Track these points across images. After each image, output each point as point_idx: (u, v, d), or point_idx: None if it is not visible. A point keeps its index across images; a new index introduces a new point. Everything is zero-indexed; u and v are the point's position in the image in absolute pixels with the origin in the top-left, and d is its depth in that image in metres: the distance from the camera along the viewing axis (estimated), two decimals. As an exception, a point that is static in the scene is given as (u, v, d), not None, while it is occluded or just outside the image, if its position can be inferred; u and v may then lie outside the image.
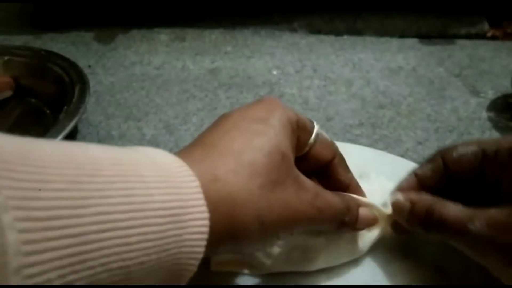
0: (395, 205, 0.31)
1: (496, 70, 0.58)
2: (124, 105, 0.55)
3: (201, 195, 0.22)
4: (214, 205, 0.22)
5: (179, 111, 0.53)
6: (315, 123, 0.30)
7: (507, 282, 0.27)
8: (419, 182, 0.32)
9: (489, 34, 0.65)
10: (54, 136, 0.43)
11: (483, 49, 0.62)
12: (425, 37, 0.65)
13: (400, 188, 0.32)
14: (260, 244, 0.27)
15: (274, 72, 0.60)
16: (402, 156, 0.43)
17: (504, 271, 0.27)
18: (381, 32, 0.66)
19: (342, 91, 0.56)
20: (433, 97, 0.54)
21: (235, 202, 0.23)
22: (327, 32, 0.67)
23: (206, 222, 0.22)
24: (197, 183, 0.22)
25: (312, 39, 0.66)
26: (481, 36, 0.65)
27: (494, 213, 0.27)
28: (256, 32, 0.68)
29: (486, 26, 0.65)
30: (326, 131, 0.48)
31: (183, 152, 0.25)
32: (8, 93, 0.55)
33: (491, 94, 0.54)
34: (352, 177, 0.32)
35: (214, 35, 0.68)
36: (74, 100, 0.48)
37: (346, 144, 0.45)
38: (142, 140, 0.49)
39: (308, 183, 0.27)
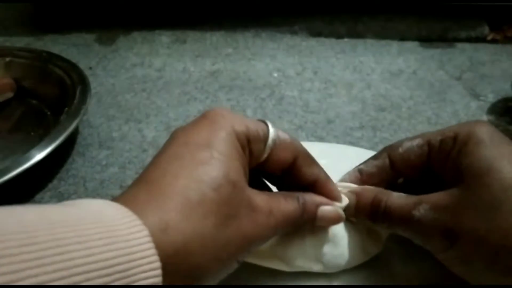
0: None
1: (496, 73, 0.58)
2: (125, 106, 0.55)
3: (150, 245, 0.21)
4: (168, 257, 0.21)
5: (180, 113, 0.53)
6: (270, 126, 0.28)
7: (449, 265, 0.28)
8: (362, 178, 0.32)
9: (489, 38, 0.65)
10: (55, 137, 0.43)
11: (483, 53, 0.62)
12: (426, 40, 0.65)
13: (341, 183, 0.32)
14: (221, 276, 0.25)
15: (275, 75, 0.60)
16: (402, 159, 0.43)
17: (444, 254, 0.27)
18: (381, 35, 0.66)
19: (343, 93, 0.56)
20: (433, 100, 0.54)
21: (190, 251, 0.22)
22: (328, 35, 0.67)
23: (158, 272, 0.21)
24: (145, 232, 0.21)
25: (313, 41, 0.67)
26: (481, 39, 0.65)
27: (437, 196, 0.27)
28: (257, 35, 0.68)
29: (486, 29, 0.65)
30: (326, 133, 0.49)
31: (127, 195, 0.23)
32: (9, 95, 0.55)
33: (491, 98, 0.54)
34: (319, 172, 0.30)
35: (215, 37, 0.68)
36: (75, 101, 0.48)
37: (347, 146, 0.45)
38: (143, 142, 0.49)
39: (260, 202, 0.26)
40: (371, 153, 0.43)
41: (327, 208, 0.30)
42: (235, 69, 0.61)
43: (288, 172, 0.29)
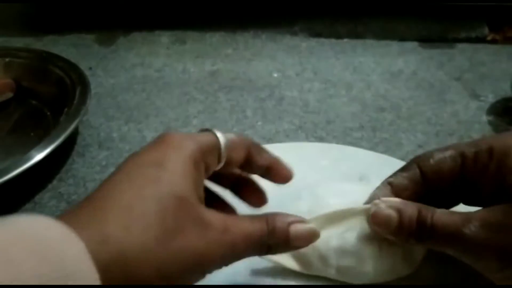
0: (378, 217, 0.28)
1: (496, 73, 0.58)
2: (124, 107, 0.55)
3: (85, 258, 0.20)
4: (105, 268, 0.21)
5: (179, 113, 0.53)
6: (218, 134, 0.28)
7: (503, 283, 0.27)
8: (394, 192, 0.30)
9: (489, 38, 0.65)
10: (55, 138, 0.43)
11: (483, 53, 0.62)
12: (426, 40, 0.65)
13: (374, 197, 0.30)
14: None
15: (275, 75, 0.60)
16: (402, 159, 0.43)
17: (500, 274, 0.26)
18: (381, 36, 0.66)
19: (343, 94, 0.56)
20: (433, 101, 0.54)
21: (127, 261, 0.22)
22: (328, 36, 0.67)
23: (97, 284, 0.20)
24: (80, 246, 0.20)
25: (313, 42, 0.67)
26: (481, 40, 0.65)
27: (486, 214, 0.26)
28: (257, 35, 0.68)
29: (486, 30, 0.65)
30: (326, 134, 0.49)
31: (68, 213, 0.23)
32: (9, 95, 0.55)
33: (491, 98, 0.54)
34: (270, 156, 0.30)
35: (214, 38, 0.68)
36: (75, 102, 0.48)
37: (346, 147, 0.45)
38: (142, 142, 0.49)
39: (214, 219, 0.25)
40: (371, 153, 0.44)
41: (301, 226, 0.28)
42: (235, 70, 0.61)
43: (247, 167, 0.30)
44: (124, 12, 0.72)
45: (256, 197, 0.32)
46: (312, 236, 0.28)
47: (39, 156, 0.40)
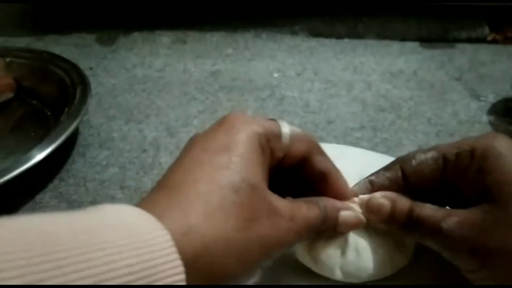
0: (372, 204, 0.30)
1: (496, 74, 0.58)
2: (125, 107, 0.55)
3: (173, 249, 0.21)
4: (191, 260, 0.21)
5: (180, 113, 0.54)
6: (284, 122, 0.28)
7: (479, 284, 0.27)
8: (373, 190, 0.31)
9: (489, 38, 0.65)
10: (55, 137, 0.43)
11: (484, 53, 0.62)
12: (426, 40, 0.65)
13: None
14: (244, 280, 0.25)
15: (275, 75, 0.60)
16: (402, 159, 0.43)
17: (476, 274, 0.26)
18: (382, 36, 0.66)
19: (343, 94, 0.56)
20: (433, 101, 0.54)
21: (213, 254, 0.22)
22: (328, 36, 0.67)
23: (182, 277, 0.21)
24: (167, 237, 0.21)
25: (313, 42, 0.67)
26: (481, 40, 0.65)
27: (466, 212, 0.27)
28: (257, 35, 0.68)
29: (486, 30, 0.65)
30: (327, 134, 0.49)
31: (148, 201, 0.24)
32: (10, 95, 0.55)
33: (491, 98, 0.54)
34: (332, 165, 0.30)
35: (215, 38, 0.68)
36: (75, 102, 0.48)
37: (347, 147, 0.45)
38: (143, 142, 0.49)
39: (282, 206, 0.26)
40: (371, 153, 0.44)
41: (348, 213, 0.29)
42: (236, 70, 0.61)
43: (302, 165, 0.29)
44: (124, 12, 0.72)
45: (337, 189, 0.31)
46: (358, 223, 0.30)
47: (39, 156, 0.40)
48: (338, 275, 0.31)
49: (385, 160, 0.35)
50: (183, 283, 0.21)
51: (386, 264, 0.31)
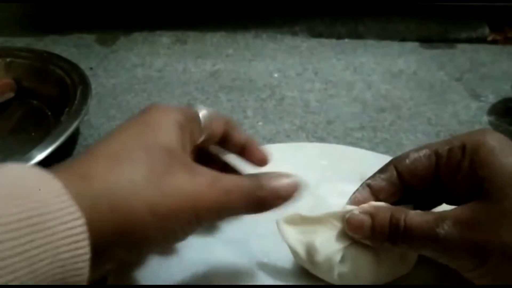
0: (352, 222, 0.29)
1: (496, 74, 0.58)
2: (125, 107, 0.55)
3: (65, 196, 0.20)
4: (91, 202, 0.20)
5: (180, 113, 0.53)
6: (198, 107, 0.30)
7: (479, 283, 0.27)
8: (373, 194, 0.30)
9: (489, 38, 0.65)
10: (56, 138, 0.43)
11: (484, 53, 0.62)
12: (426, 41, 0.65)
13: (354, 202, 0.30)
14: (164, 241, 0.24)
15: (275, 75, 0.60)
16: (403, 159, 0.43)
17: (475, 272, 0.26)
18: (382, 36, 0.66)
19: (343, 94, 0.56)
20: (434, 101, 0.54)
21: (116, 194, 0.21)
22: (328, 36, 0.67)
23: (80, 222, 0.20)
24: (58, 184, 0.20)
25: (313, 42, 0.67)
26: (482, 40, 0.65)
27: (459, 211, 0.26)
28: (258, 35, 0.68)
29: (486, 30, 0.65)
30: (327, 134, 0.49)
31: (53, 168, 0.23)
32: (10, 95, 0.55)
33: (491, 98, 0.54)
34: (246, 136, 0.33)
35: (215, 38, 0.68)
36: (75, 102, 0.48)
37: (347, 147, 0.45)
38: (143, 143, 0.49)
39: (204, 170, 0.25)
40: (371, 153, 0.44)
41: (284, 178, 0.27)
42: (236, 70, 0.61)
43: (224, 143, 0.32)
44: (125, 12, 0.72)
45: (258, 155, 0.33)
46: (295, 186, 0.27)
47: (40, 156, 0.40)
48: (336, 281, 0.30)
49: (385, 160, 0.36)
50: (84, 227, 0.20)
51: (387, 273, 0.30)
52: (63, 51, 0.65)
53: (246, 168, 0.34)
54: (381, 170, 0.31)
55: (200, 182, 0.24)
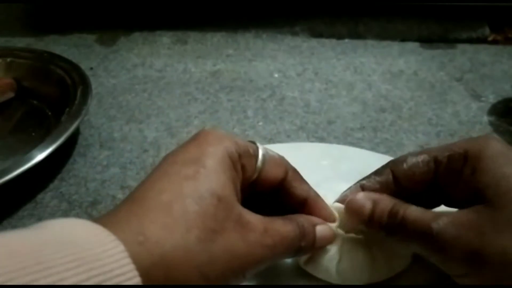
0: (353, 205, 0.29)
1: (497, 74, 0.58)
2: (126, 107, 0.55)
3: (127, 260, 0.20)
4: (146, 270, 0.20)
5: (180, 113, 0.54)
6: (258, 144, 0.28)
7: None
8: None
9: (490, 39, 0.65)
10: (56, 138, 0.43)
11: (484, 54, 0.62)
12: (427, 41, 0.65)
13: (343, 200, 0.30)
14: None
15: (276, 75, 0.60)
16: (403, 159, 0.43)
17: (466, 278, 0.26)
18: (382, 36, 0.66)
19: (344, 94, 0.56)
20: (434, 101, 0.54)
21: (170, 263, 0.21)
22: (329, 36, 0.67)
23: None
24: (120, 248, 0.20)
25: (314, 42, 0.67)
26: (482, 40, 0.65)
27: (458, 213, 0.26)
28: (258, 36, 0.68)
29: (487, 30, 0.65)
30: (327, 134, 0.49)
31: (108, 215, 0.23)
32: (11, 95, 0.55)
33: (492, 98, 0.54)
34: (309, 189, 0.30)
35: (216, 38, 0.68)
36: (76, 102, 0.48)
37: (347, 147, 0.45)
38: (143, 142, 0.49)
39: (254, 220, 0.25)
40: (372, 154, 0.44)
41: (324, 228, 0.29)
42: (236, 70, 0.61)
43: (278, 191, 0.29)
44: (125, 12, 0.72)
45: (323, 214, 0.30)
46: (331, 239, 0.29)
47: (40, 156, 0.40)
48: (335, 280, 0.30)
49: (386, 160, 0.36)
50: None
51: (384, 269, 0.30)
52: (63, 51, 0.65)
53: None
54: (377, 172, 0.31)
55: (251, 240, 0.24)
